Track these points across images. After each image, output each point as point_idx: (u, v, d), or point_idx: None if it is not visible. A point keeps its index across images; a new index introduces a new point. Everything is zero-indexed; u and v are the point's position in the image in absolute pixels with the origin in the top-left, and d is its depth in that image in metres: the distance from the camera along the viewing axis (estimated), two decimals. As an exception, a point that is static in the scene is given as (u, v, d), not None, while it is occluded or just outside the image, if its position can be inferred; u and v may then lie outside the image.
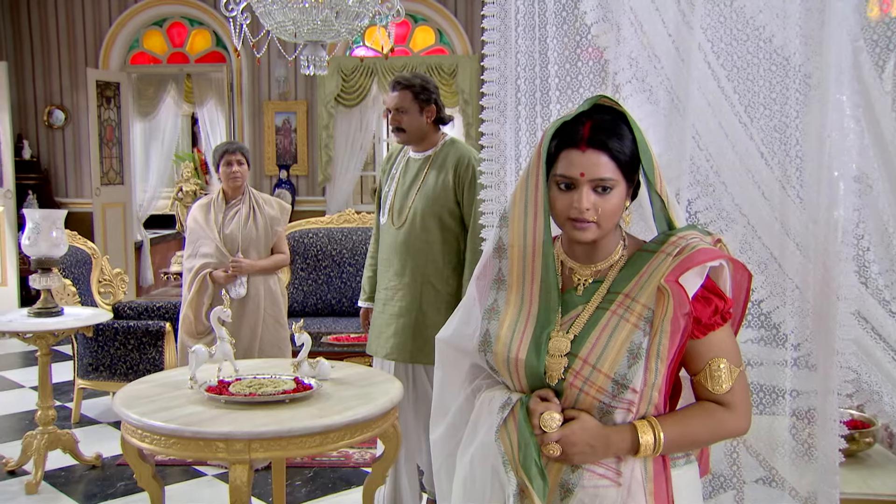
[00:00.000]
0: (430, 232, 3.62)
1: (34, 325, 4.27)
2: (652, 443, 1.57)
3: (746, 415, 1.64)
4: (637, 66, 2.11)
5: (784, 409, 2.16)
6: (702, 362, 1.62)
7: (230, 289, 4.54)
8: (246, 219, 4.60)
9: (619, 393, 1.56)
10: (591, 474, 1.60)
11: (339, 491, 4.24)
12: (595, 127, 1.59)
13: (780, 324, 2.09)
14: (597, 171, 1.58)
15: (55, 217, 4.47)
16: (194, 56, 9.40)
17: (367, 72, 8.64)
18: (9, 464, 4.53)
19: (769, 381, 2.17)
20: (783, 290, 2.09)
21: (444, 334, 1.85)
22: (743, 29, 2.09)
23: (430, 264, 3.63)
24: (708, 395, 1.63)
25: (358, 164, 9.00)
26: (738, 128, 2.09)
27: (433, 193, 3.61)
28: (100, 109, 9.08)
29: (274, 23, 5.02)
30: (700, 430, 1.62)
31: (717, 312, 1.60)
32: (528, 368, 1.62)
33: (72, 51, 9.23)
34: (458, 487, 1.74)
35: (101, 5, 9.16)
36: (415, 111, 3.62)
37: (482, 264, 1.78)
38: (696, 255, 1.58)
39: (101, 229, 9.14)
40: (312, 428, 2.81)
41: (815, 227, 2.06)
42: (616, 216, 1.62)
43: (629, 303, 1.59)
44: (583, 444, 1.56)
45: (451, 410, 1.82)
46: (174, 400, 3.01)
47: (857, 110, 2.03)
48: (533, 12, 2.13)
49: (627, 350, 1.56)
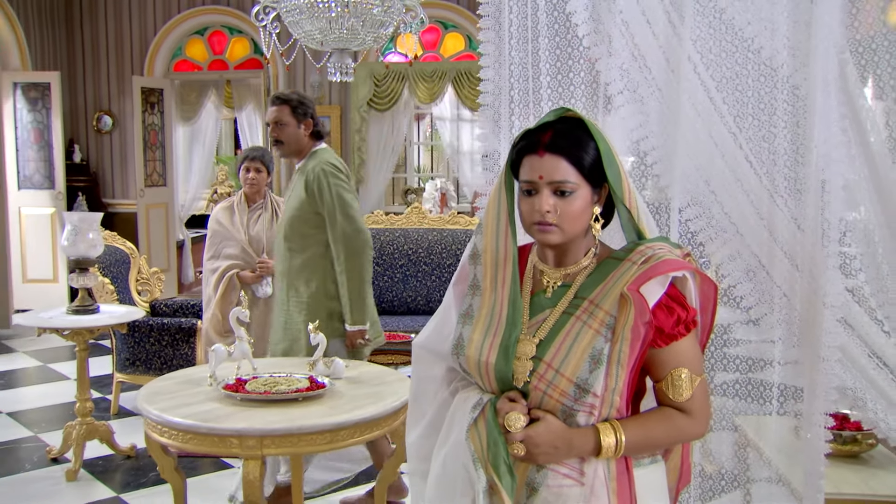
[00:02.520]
0: (293, 240, 3.82)
1: (71, 322, 4.46)
2: (613, 445, 1.62)
3: (704, 421, 1.69)
4: (628, 76, 2.16)
5: (790, 410, 2.19)
6: (664, 371, 1.66)
7: (257, 289, 4.68)
8: (270, 222, 4.75)
9: (580, 397, 1.61)
10: (556, 474, 1.65)
11: (361, 485, 4.33)
12: (555, 134, 1.65)
13: (769, 330, 2.12)
14: (555, 174, 1.63)
15: (92, 219, 4.65)
16: (233, 63, 9.63)
17: (398, 77, 8.75)
18: (52, 452, 4.75)
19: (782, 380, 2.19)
20: (771, 297, 2.12)
21: (420, 339, 1.91)
22: (732, 40, 2.12)
23: (292, 270, 3.83)
24: (669, 402, 1.67)
25: (390, 166, 9.15)
26: (727, 137, 2.12)
27: (296, 204, 3.81)
28: (144, 115, 9.35)
29: (302, 32, 5.14)
30: (660, 435, 1.67)
31: (680, 322, 1.64)
32: (497, 372, 1.68)
33: (119, 59, 9.54)
34: (431, 484, 1.80)
35: (146, 16, 9.45)
36: (293, 125, 3.85)
37: (459, 270, 1.84)
38: (660, 266, 1.61)
39: (145, 229, 9.41)
40: (323, 426, 2.90)
41: (802, 235, 2.09)
42: (579, 220, 1.66)
43: (593, 309, 1.64)
44: (546, 444, 1.62)
45: (427, 414, 1.87)
46: (193, 396, 3.12)
47: (843, 121, 2.06)
48: (526, 25, 2.19)
49: (589, 356, 1.61)
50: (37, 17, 9.05)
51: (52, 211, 8.73)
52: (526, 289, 1.75)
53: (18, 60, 8.79)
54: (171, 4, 9.42)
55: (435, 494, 1.78)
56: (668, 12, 2.13)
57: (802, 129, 2.09)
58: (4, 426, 5.37)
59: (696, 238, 2.17)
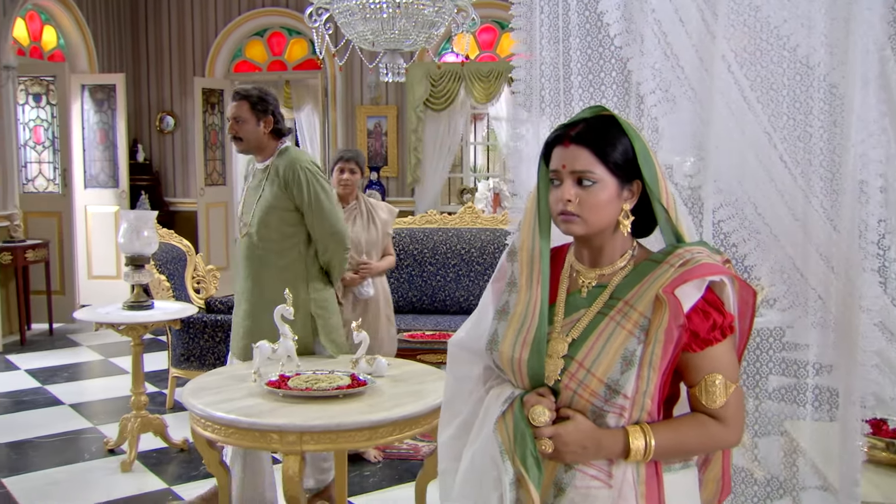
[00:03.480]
0: (268, 241, 3.74)
1: (126, 318, 4.60)
2: (642, 448, 1.60)
3: (738, 429, 1.66)
4: (660, 76, 2.13)
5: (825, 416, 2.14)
6: (698, 376, 1.64)
7: (359, 290, 4.64)
8: (366, 223, 4.72)
9: (610, 397, 1.60)
10: (583, 475, 1.65)
11: (405, 482, 4.36)
12: (584, 127, 1.66)
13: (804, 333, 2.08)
14: (576, 164, 1.64)
15: (147, 217, 4.78)
16: (292, 64, 9.79)
17: (454, 77, 8.78)
18: (109, 443, 4.91)
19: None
20: (805, 300, 2.08)
21: (456, 338, 1.92)
22: (767, 38, 2.09)
23: (266, 271, 3.75)
24: (702, 408, 1.65)
25: (446, 166, 9.19)
26: (761, 137, 2.09)
27: (269, 204, 3.72)
28: (205, 115, 9.57)
29: (354, 33, 5.21)
30: (691, 441, 1.65)
31: (716, 327, 1.61)
32: (530, 369, 1.68)
33: (181, 61, 9.79)
34: (459, 478, 1.80)
35: (208, 18, 9.67)
36: (252, 121, 3.74)
37: (499, 268, 1.85)
38: (697, 269, 1.60)
39: (205, 227, 9.63)
40: (361, 423, 2.93)
41: (838, 237, 2.04)
42: (603, 212, 1.65)
43: (627, 310, 1.63)
44: (575, 443, 1.61)
45: (461, 413, 1.87)
46: (237, 392, 3.19)
47: (883, 119, 2.01)
48: (557, 24, 2.18)
49: (621, 356, 1.60)
50: (104, 20, 9.33)
51: (116, 209, 8.99)
52: (562, 288, 1.75)
53: (86, 63, 9.08)
54: (232, 6, 9.62)
55: (463, 488, 1.78)
56: (702, 10, 2.11)
57: (840, 129, 2.04)
58: (68, 417, 5.57)
59: (728, 239, 2.13)
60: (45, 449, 4.97)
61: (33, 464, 4.73)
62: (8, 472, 4.59)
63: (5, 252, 7.61)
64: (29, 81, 8.60)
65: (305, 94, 11.10)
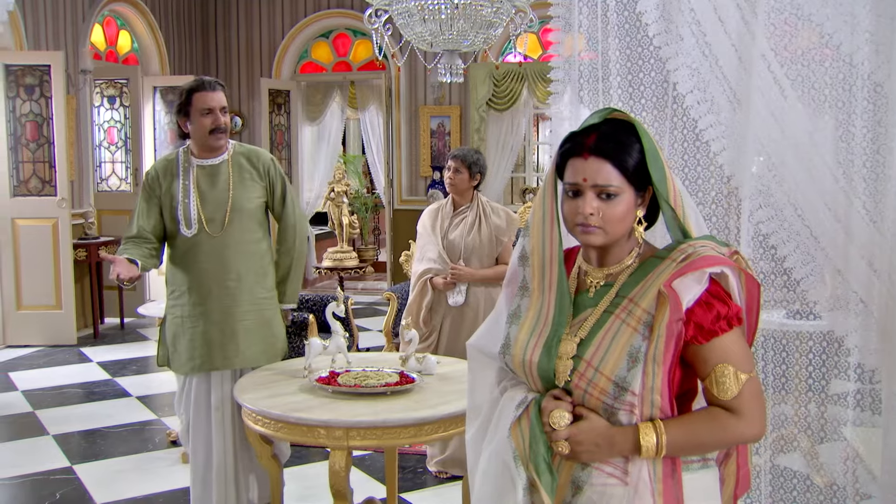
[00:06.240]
0: (253, 231, 3.73)
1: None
2: (654, 445, 1.60)
3: (756, 421, 1.63)
4: (699, 75, 2.12)
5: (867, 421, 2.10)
6: (708, 367, 1.63)
7: (449, 296, 4.51)
8: (471, 227, 4.56)
9: (619, 395, 1.61)
10: (600, 473, 1.66)
11: (457, 480, 4.39)
12: (600, 137, 1.65)
13: (843, 337, 2.04)
14: (598, 178, 1.64)
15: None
16: (357, 64, 9.92)
17: (517, 77, 8.78)
18: (171, 435, 5.06)
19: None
20: (846, 302, 2.04)
21: (473, 339, 1.95)
22: (809, 37, 2.06)
23: (252, 265, 3.71)
24: (715, 400, 1.64)
25: (509, 165, 9.20)
26: (802, 137, 2.06)
27: (254, 193, 3.70)
28: (271, 115, 9.77)
29: (413, 34, 5.27)
30: (705, 435, 1.64)
31: (721, 318, 1.60)
32: (540, 370, 1.70)
33: (249, 63, 10.01)
34: (477, 481, 1.83)
35: (275, 21, 9.87)
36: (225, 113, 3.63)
37: (510, 272, 1.87)
38: (697, 262, 1.60)
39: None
40: (406, 420, 2.97)
41: (882, 239, 2.00)
42: (623, 223, 1.66)
43: (632, 307, 1.64)
44: (588, 442, 1.62)
45: (482, 411, 1.90)
46: (288, 387, 3.26)
47: (929, 119, 1.96)
48: (596, 25, 2.18)
49: (627, 354, 1.61)
50: (175, 24, 9.62)
51: (186, 208, 9.21)
52: (571, 289, 1.76)
53: (158, 66, 9.37)
54: (298, 8, 9.81)
55: (481, 491, 1.81)
56: (742, 9, 2.09)
57: (884, 128, 2.00)
58: (135, 409, 5.78)
59: (768, 240, 2.11)
60: (113, 438, 5.16)
61: (102, 452, 4.92)
62: (80, 460, 4.78)
63: (80, 249, 7.90)
64: (104, 84, 8.91)
65: (370, 94, 11.23)
